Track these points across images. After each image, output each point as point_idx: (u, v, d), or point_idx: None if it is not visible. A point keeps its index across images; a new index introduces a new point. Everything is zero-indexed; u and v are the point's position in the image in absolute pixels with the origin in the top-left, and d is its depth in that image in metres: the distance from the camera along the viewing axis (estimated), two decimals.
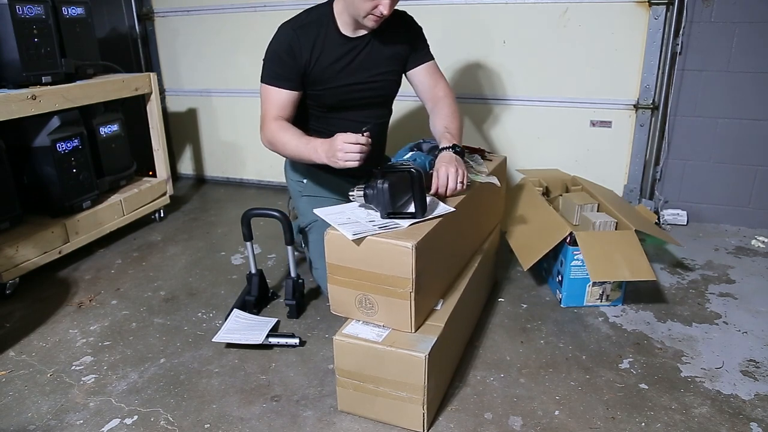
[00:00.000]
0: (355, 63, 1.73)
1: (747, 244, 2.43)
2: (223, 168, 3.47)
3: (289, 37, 1.66)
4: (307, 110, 1.80)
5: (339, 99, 1.75)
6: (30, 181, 2.22)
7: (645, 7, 2.42)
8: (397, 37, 1.76)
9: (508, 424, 1.39)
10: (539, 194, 2.19)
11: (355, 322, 1.40)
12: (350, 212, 1.46)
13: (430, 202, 1.44)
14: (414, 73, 1.82)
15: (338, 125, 1.70)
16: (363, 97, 1.78)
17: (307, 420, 1.41)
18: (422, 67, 1.81)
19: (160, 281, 2.17)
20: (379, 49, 1.75)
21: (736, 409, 1.42)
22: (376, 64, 1.76)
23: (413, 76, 1.83)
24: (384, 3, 1.53)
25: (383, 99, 1.86)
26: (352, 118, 1.79)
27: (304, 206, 1.89)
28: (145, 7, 3.27)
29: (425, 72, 1.81)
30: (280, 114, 1.69)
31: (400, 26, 1.78)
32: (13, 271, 2.03)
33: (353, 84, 1.74)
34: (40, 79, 2.14)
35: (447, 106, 1.77)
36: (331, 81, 1.71)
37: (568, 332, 1.78)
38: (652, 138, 2.59)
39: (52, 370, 1.62)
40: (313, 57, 1.67)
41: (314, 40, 1.67)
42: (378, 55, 1.75)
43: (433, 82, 1.82)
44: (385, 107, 1.89)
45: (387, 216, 1.37)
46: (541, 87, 2.67)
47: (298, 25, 1.68)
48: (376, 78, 1.77)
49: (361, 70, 1.74)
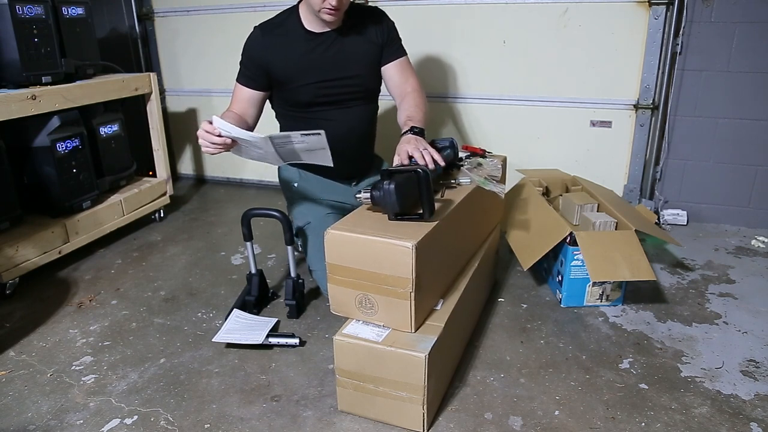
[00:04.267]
0: (325, 58, 1.76)
1: (747, 244, 2.43)
2: (223, 168, 3.47)
3: (255, 37, 1.76)
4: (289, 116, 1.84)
5: (314, 95, 1.77)
6: (30, 181, 2.22)
7: (645, 7, 2.42)
8: (369, 33, 1.80)
9: (508, 424, 1.39)
10: (539, 194, 2.19)
11: (355, 322, 1.40)
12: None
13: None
14: (385, 69, 1.85)
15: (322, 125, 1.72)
16: (341, 93, 1.80)
17: (307, 420, 1.41)
18: (393, 64, 1.84)
19: (160, 281, 2.17)
20: (351, 45, 1.78)
21: (736, 409, 1.42)
22: (350, 60, 1.78)
23: (384, 71, 1.86)
24: None
25: (364, 94, 1.86)
26: (335, 117, 1.80)
27: (297, 209, 1.91)
28: (145, 7, 3.27)
29: (396, 68, 1.84)
30: (236, 108, 1.78)
31: (372, 21, 1.81)
32: (13, 271, 2.03)
33: (327, 80, 1.77)
34: (40, 79, 2.15)
35: (412, 99, 1.79)
36: (300, 78, 1.75)
37: (568, 332, 1.78)
38: (652, 138, 2.59)
39: (52, 370, 1.62)
40: (276, 56, 1.73)
41: (279, 39, 1.74)
42: (351, 51, 1.78)
43: (404, 78, 1.84)
44: (370, 102, 1.90)
45: (395, 218, 1.36)
46: (541, 87, 2.67)
47: (265, 26, 1.77)
48: (351, 74, 1.79)
49: (334, 66, 1.77)
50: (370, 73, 1.84)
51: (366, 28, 1.80)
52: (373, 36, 1.81)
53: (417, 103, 1.77)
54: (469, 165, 1.79)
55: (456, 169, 1.74)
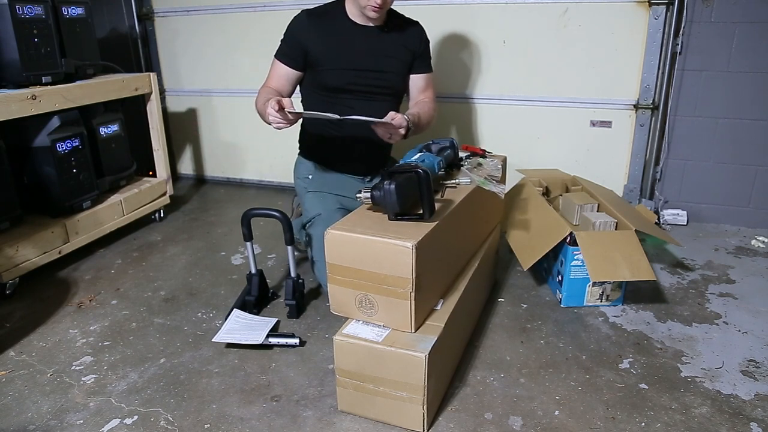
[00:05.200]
0: (362, 48, 1.84)
1: (747, 244, 2.43)
2: (223, 168, 3.47)
3: (300, 18, 1.84)
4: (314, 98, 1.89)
5: (343, 81, 1.84)
6: (30, 181, 2.22)
7: (645, 7, 2.42)
8: (407, 39, 1.91)
9: (508, 424, 1.39)
10: (539, 194, 2.19)
11: (355, 322, 1.40)
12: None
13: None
14: (412, 78, 1.97)
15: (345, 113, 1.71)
16: (368, 85, 1.86)
17: (307, 420, 1.41)
18: (421, 76, 1.97)
19: (160, 281, 2.17)
20: (389, 43, 1.87)
21: (736, 409, 1.42)
22: (385, 56, 1.87)
23: (411, 79, 1.97)
24: None
25: (390, 92, 1.94)
26: (358, 107, 1.82)
27: (308, 202, 1.92)
28: (145, 7, 3.27)
29: (421, 80, 1.98)
30: (273, 84, 1.85)
31: (412, 31, 1.94)
32: (13, 271, 2.03)
33: (359, 69, 1.84)
34: (40, 79, 2.14)
35: (424, 104, 1.91)
36: (334, 61, 1.83)
37: (568, 332, 1.78)
38: (652, 138, 2.59)
39: (52, 370, 1.62)
40: (317, 37, 1.81)
41: (323, 23, 1.83)
42: (387, 48, 1.87)
43: (424, 88, 1.99)
44: (394, 101, 1.96)
45: (395, 218, 1.37)
46: (541, 87, 2.67)
47: (312, 11, 1.86)
48: (383, 68, 1.87)
49: (368, 58, 1.85)
50: (399, 74, 1.93)
51: (405, 34, 1.91)
52: (410, 43, 1.92)
53: (425, 109, 1.88)
54: (469, 165, 1.79)
55: (456, 169, 1.74)
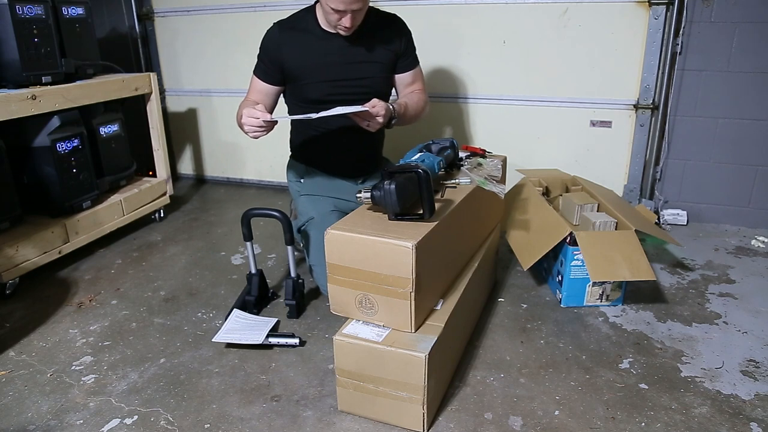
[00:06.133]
0: (338, 59, 1.79)
1: (747, 244, 2.43)
2: (223, 168, 3.47)
3: (271, 33, 1.79)
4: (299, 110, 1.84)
5: (324, 93, 1.80)
6: (30, 181, 2.22)
7: (645, 7, 2.42)
8: (386, 40, 1.84)
9: (508, 424, 1.39)
10: (539, 194, 2.19)
11: (355, 322, 1.40)
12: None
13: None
14: (398, 77, 1.93)
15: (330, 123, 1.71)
16: (351, 94, 1.81)
17: (307, 420, 1.41)
18: (408, 73, 1.92)
19: (160, 281, 2.17)
20: (366, 48, 1.81)
21: (736, 409, 1.42)
22: (363, 63, 1.82)
23: (397, 78, 1.93)
24: (345, 19, 1.65)
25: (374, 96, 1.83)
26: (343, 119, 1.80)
27: (302, 205, 1.91)
28: (145, 7, 3.27)
29: (408, 77, 1.93)
30: (251, 97, 1.84)
31: (391, 30, 1.86)
32: (13, 271, 2.03)
33: (338, 80, 1.80)
34: (40, 79, 2.14)
35: (413, 95, 1.88)
36: (312, 75, 1.79)
37: (568, 332, 1.78)
38: (652, 138, 2.59)
39: (52, 370, 1.62)
40: (291, 52, 1.77)
41: (295, 36, 1.78)
42: (365, 54, 1.82)
43: (411, 83, 1.93)
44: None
45: (395, 218, 1.36)
46: (541, 87, 2.67)
47: (283, 23, 1.81)
48: (362, 75, 1.82)
49: (346, 68, 1.80)
50: (381, 78, 1.88)
51: (384, 35, 1.84)
52: (391, 44, 1.85)
53: (414, 99, 1.85)
54: (469, 165, 1.79)
55: (456, 169, 1.74)
